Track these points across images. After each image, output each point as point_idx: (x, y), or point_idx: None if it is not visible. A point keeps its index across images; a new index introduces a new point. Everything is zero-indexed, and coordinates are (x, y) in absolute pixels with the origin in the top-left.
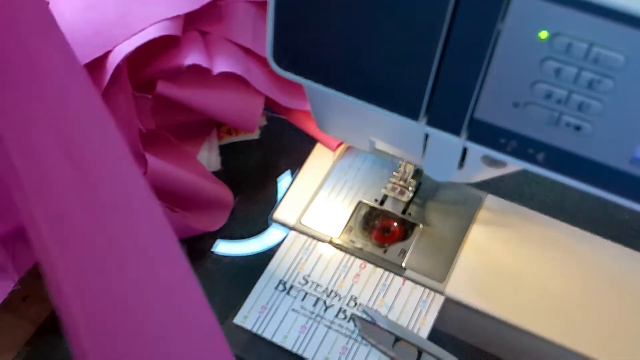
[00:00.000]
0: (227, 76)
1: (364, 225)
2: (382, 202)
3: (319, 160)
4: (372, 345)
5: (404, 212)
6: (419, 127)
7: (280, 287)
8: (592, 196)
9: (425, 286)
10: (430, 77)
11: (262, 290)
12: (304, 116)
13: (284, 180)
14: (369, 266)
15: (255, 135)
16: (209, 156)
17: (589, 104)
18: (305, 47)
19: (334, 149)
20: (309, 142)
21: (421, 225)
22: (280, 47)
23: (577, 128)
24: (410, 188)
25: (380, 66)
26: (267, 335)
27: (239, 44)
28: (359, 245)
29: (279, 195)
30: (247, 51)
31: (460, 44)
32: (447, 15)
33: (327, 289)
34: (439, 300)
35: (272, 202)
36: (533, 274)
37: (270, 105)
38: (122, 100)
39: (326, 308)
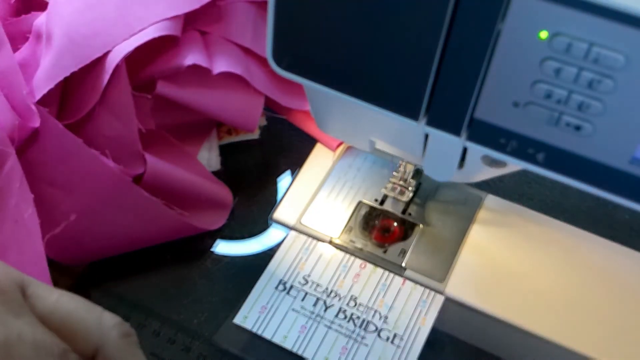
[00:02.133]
0: (227, 76)
1: (364, 225)
2: (382, 202)
3: (319, 160)
4: None
5: (404, 212)
6: (419, 127)
7: (280, 287)
8: (592, 196)
9: (425, 286)
10: (430, 77)
11: (262, 290)
12: (304, 116)
13: (284, 180)
14: (369, 266)
15: (255, 135)
16: (209, 156)
17: (589, 104)
18: (305, 47)
19: (334, 149)
20: (309, 142)
21: (421, 225)
22: (280, 47)
23: (577, 128)
24: (410, 188)
25: (380, 66)
26: (267, 335)
27: (238, 44)
28: (359, 245)
29: (279, 195)
30: (247, 51)
31: (460, 44)
32: (447, 15)
33: (327, 289)
34: (439, 300)
35: (272, 202)
36: (533, 273)
37: (270, 105)
38: (122, 100)
39: (326, 308)
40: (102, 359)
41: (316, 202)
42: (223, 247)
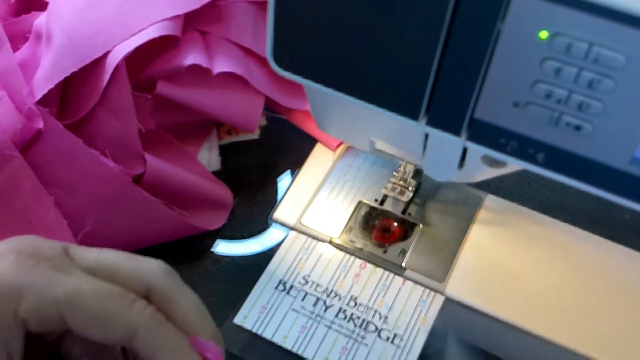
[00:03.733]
0: (227, 76)
1: (364, 225)
2: (382, 202)
3: (319, 160)
4: None
5: (404, 212)
6: (419, 127)
7: (280, 287)
8: (592, 196)
9: (425, 286)
10: (430, 77)
11: (262, 290)
12: (304, 116)
13: (284, 180)
14: (369, 266)
15: (255, 135)
16: (209, 156)
17: (589, 104)
18: (305, 47)
19: (334, 149)
20: (309, 142)
21: (421, 225)
22: (280, 47)
23: (577, 128)
24: (410, 188)
25: (380, 66)
26: (267, 335)
27: (238, 44)
28: (359, 245)
29: (279, 195)
30: (247, 51)
31: (460, 44)
32: (447, 15)
33: (327, 289)
34: (439, 300)
35: (272, 202)
36: (533, 274)
37: (270, 105)
38: (122, 100)
39: (326, 308)
40: (156, 296)
41: (316, 202)
42: (223, 247)
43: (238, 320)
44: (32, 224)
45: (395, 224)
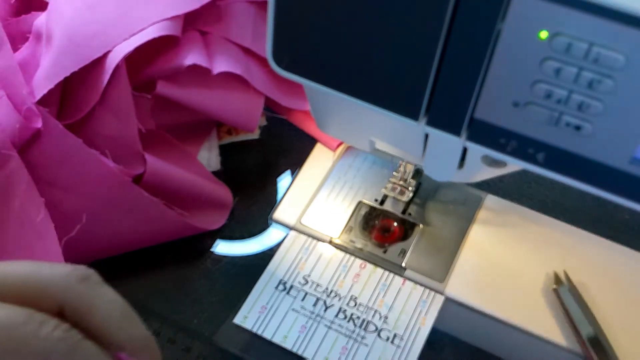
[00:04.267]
0: (227, 76)
1: (364, 225)
2: (382, 202)
3: (319, 160)
4: None
5: (404, 212)
6: (419, 127)
7: (280, 287)
8: (592, 196)
9: (425, 286)
10: (430, 77)
11: (262, 290)
12: (304, 116)
13: (284, 180)
14: (369, 266)
15: (255, 135)
16: (209, 156)
17: (589, 104)
18: (305, 47)
19: (334, 149)
20: (309, 142)
21: (421, 225)
22: (280, 47)
23: (577, 128)
24: (410, 188)
25: (380, 66)
26: (267, 335)
27: (238, 44)
28: (359, 245)
29: (279, 195)
30: (247, 51)
31: (460, 44)
32: (447, 15)
33: (327, 289)
34: (439, 300)
35: (272, 202)
36: (533, 274)
37: (270, 105)
38: (122, 100)
39: (326, 308)
40: (69, 312)
41: (316, 202)
42: (223, 247)
43: (238, 320)
44: (24, 225)
45: (395, 224)
